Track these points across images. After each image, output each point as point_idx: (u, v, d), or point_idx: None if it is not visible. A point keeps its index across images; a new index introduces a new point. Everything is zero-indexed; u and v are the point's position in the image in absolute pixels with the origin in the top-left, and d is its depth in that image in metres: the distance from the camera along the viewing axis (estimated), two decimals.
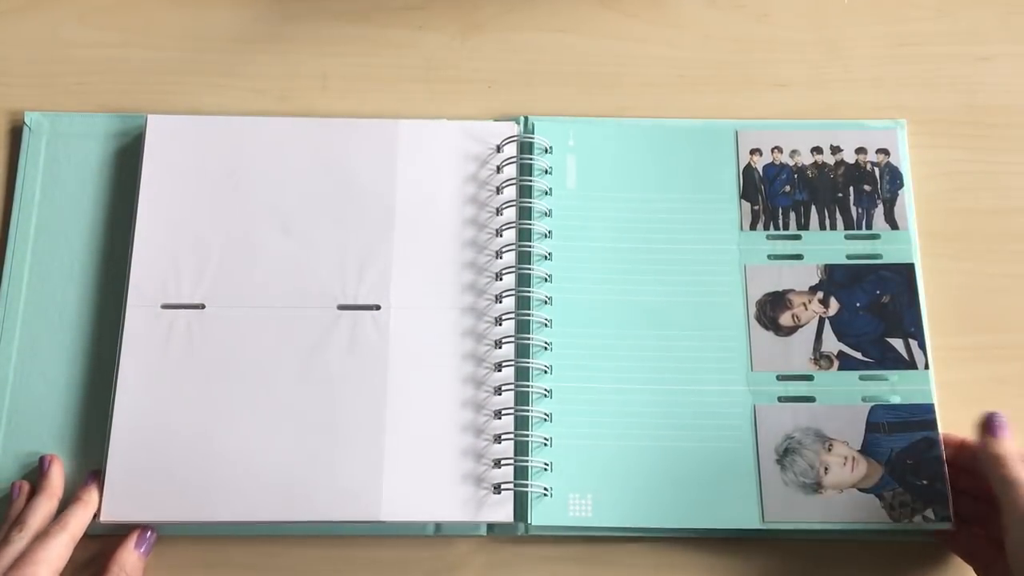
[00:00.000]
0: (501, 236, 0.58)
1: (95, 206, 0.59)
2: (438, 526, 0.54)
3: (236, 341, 0.56)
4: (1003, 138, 0.63)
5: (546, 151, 0.60)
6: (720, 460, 0.54)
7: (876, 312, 0.57)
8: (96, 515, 0.52)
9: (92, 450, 0.54)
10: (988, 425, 0.51)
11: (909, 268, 0.57)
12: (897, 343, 0.56)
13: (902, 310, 0.57)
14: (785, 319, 0.57)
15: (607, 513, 0.53)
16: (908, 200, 0.59)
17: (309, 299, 0.57)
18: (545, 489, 0.54)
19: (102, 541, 0.53)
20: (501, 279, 0.57)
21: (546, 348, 0.56)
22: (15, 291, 0.57)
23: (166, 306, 0.56)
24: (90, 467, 0.54)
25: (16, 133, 0.61)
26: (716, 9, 0.66)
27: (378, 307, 0.57)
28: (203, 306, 0.57)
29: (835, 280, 0.57)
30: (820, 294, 0.57)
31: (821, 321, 0.57)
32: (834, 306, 0.57)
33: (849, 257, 0.58)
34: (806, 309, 0.57)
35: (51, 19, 0.65)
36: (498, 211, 0.59)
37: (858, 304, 0.57)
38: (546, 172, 0.59)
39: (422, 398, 0.55)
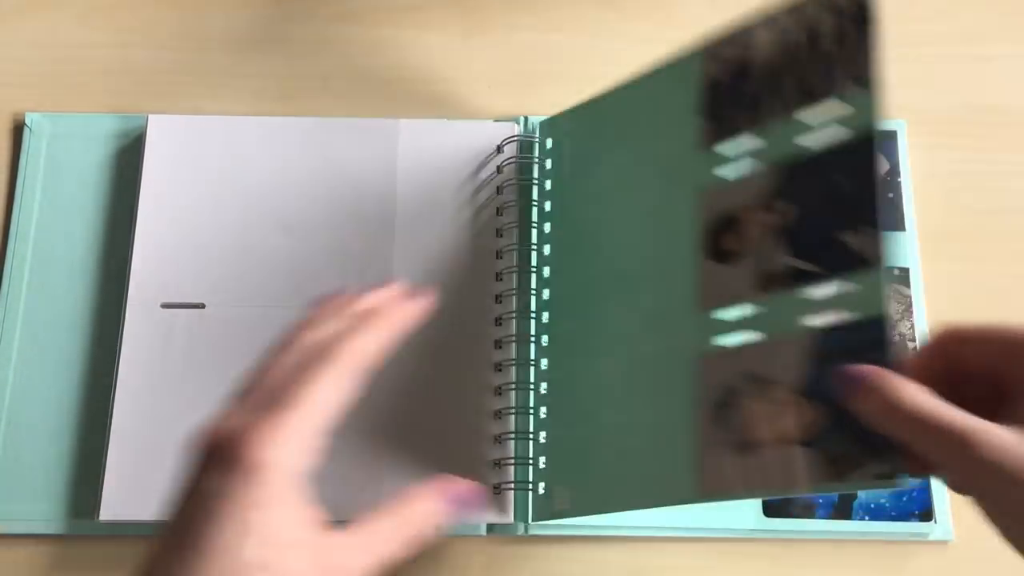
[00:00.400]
0: (501, 236, 0.58)
1: (95, 206, 0.59)
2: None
3: (236, 341, 0.56)
4: (1003, 138, 0.63)
5: (549, 150, 0.60)
6: (671, 426, 0.46)
7: (831, 209, 0.42)
8: (95, 514, 0.52)
9: (92, 450, 0.54)
10: (850, 385, 0.37)
11: (868, 140, 0.41)
12: (850, 237, 0.41)
13: (859, 195, 0.41)
14: (731, 242, 0.45)
15: (588, 504, 0.52)
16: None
17: (309, 299, 0.57)
18: (545, 489, 0.53)
19: (102, 541, 0.53)
20: (501, 279, 0.57)
21: (546, 348, 0.56)
22: (15, 291, 0.57)
23: (166, 306, 0.56)
24: (89, 466, 0.54)
25: (16, 133, 0.61)
26: (717, 10, 0.66)
27: None
28: (203, 306, 0.57)
29: (791, 180, 0.44)
30: (775, 203, 0.44)
31: (774, 235, 0.44)
32: (788, 214, 0.44)
33: (806, 144, 0.43)
34: (756, 225, 0.44)
35: (51, 19, 0.65)
36: (499, 211, 0.59)
37: (813, 205, 0.43)
38: (548, 171, 0.59)
39: (421, 398, 0.55)
